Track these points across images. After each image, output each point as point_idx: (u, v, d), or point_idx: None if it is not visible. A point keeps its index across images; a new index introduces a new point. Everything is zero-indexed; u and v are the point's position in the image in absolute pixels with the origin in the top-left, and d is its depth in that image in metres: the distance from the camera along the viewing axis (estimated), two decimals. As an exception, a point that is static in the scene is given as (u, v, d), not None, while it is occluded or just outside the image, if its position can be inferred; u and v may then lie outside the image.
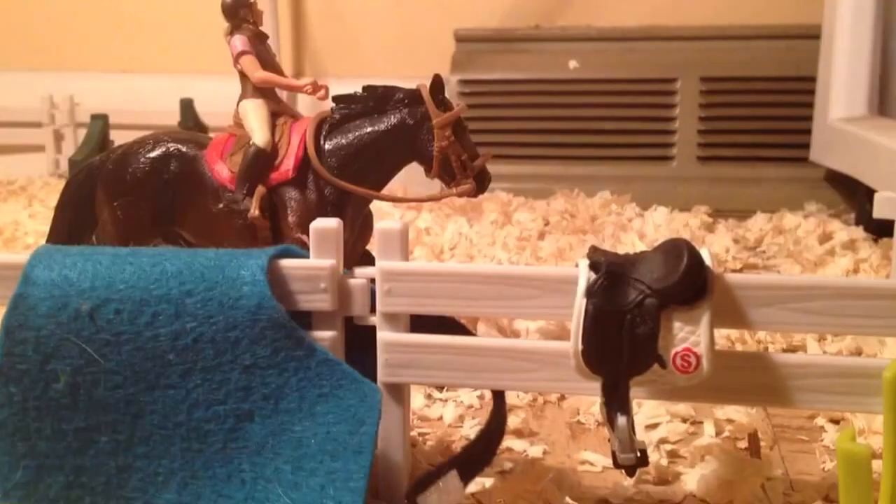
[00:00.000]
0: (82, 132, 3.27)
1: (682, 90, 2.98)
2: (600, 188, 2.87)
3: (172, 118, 2.63)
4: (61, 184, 3.05)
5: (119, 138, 2.40)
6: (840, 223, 2.52)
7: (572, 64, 3.05)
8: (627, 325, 0.96)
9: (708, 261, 0.99)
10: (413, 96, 1.51)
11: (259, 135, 1.52)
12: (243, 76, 1.57)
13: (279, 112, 1.55)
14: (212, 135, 2.54)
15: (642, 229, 2.43)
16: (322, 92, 1.56)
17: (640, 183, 2.90)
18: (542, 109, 3.04)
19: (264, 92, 1.55)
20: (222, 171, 1.50)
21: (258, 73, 1.54)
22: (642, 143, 3.00)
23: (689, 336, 0.96)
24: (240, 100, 1.57)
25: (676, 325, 0.97)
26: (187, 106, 2.57)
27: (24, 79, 3.53)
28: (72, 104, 3.40)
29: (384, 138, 1.51)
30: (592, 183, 2.89)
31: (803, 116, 2.81)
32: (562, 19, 3.19)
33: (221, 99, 3.25)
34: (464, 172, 1.53)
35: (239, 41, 1.56)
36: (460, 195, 1.55)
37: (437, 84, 1.51)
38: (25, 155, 3.47)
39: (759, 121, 2.94)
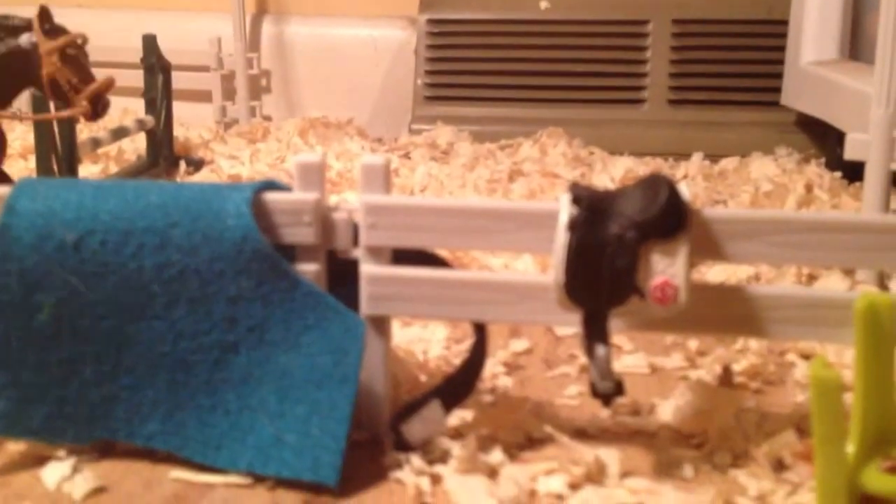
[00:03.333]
0: (37, 70, 3.27)
1: (654, 32, 3.02)
2: (571, 131, 2.90)
3: (134, 55, 2.63)
4: (13, 122, 3.07)
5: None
6: (811, 167, 2.59)
7: (543, 4, 3.08)
8: (608, 257, 1.01)
9: (686, 195, 1.03)
10: (27, 25, 1.70)
11: None
12: None
13: None
14: (174, 73, 2.57)
15: (613, 172, 2.48)
16: None
17: (611, 126, 2.94)
18: (512, 51, 3.07)
19: None
20: None
21: None
22: (613, 86, 3.03)
23: (668, 268, 1.01)
24: None
25: (655, 257, 1.02)
26: (150, 42, 2.58)
27: (-26, 14, 3.51)
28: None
29: None
30: (563, 125, 2.92)
31: (775, 60, 2.85)
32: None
33: (185, 35, 3.27)
34: (76, 95, 1.74)
35: None
36: (73, 116, 1.78)
37: (44, 13, 1.70)
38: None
39: (731, 64, 2.98)
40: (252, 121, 3.32)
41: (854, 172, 2.25)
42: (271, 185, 1.12)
